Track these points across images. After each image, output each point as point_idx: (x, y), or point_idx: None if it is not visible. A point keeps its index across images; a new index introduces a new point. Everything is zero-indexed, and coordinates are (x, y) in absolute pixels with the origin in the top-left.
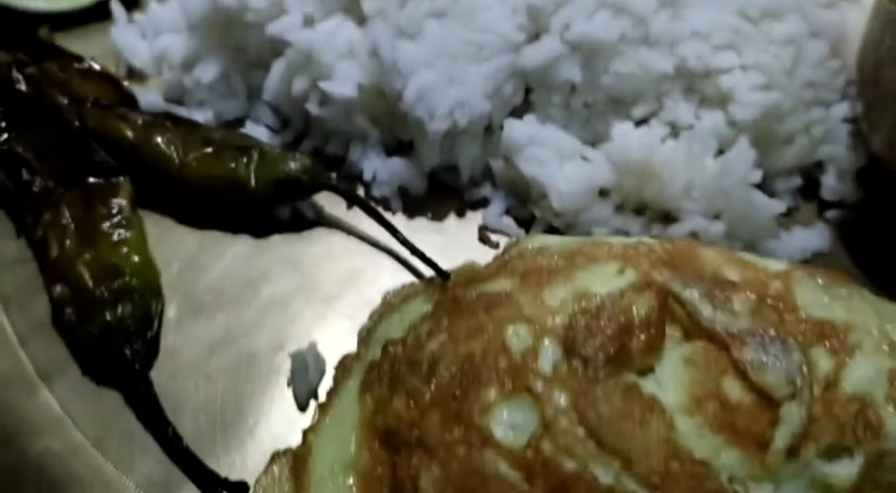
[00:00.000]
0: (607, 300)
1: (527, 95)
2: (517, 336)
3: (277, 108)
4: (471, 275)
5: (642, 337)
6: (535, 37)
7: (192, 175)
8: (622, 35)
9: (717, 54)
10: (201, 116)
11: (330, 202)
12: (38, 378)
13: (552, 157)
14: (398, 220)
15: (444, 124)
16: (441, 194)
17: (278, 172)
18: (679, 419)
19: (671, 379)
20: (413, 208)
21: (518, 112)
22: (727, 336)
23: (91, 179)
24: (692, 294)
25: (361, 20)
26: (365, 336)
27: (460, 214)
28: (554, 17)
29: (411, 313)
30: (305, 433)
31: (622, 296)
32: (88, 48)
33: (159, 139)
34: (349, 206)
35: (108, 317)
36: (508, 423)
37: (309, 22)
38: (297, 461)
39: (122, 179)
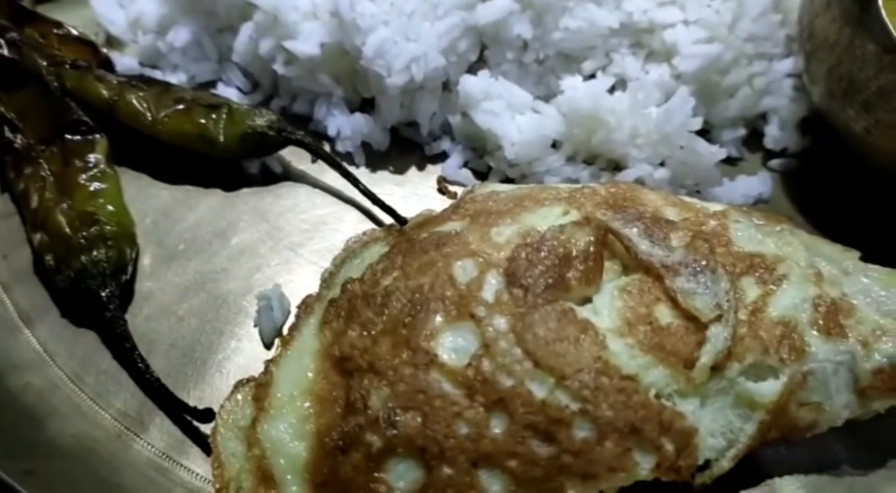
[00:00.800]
0: (548, 234)
1: (481, 53)
2: (463, 269)
3: (247, 70)
4: (426, 220)
5: (580, 268)
6: None
7: (164, 131)
8: None
9: (662, 9)
10: (175, 78)
11: (296, 157)
12: (19, 321)
13: (505, 110)
14: (361, 173)
15: (402, 79)
16: (402, 149)
17: (245, 127)
18: (611, 340)
19: (606, 306)
20: (375, 162)
21: (473, 69)
22: (661, 268)
23: (69, 137)
24: (631, 231)
25: None
26: (327, 278)
27: (420, 167)
28: None
29: (370, 256)
30: (267, 364)
31: (562, 231)
32: (67, 18)
33: (133, 98)
34: (314, 160)
35: (84, 261)
36: (452, 346)
37: None
38: (258, 388)
39: (98, 136)
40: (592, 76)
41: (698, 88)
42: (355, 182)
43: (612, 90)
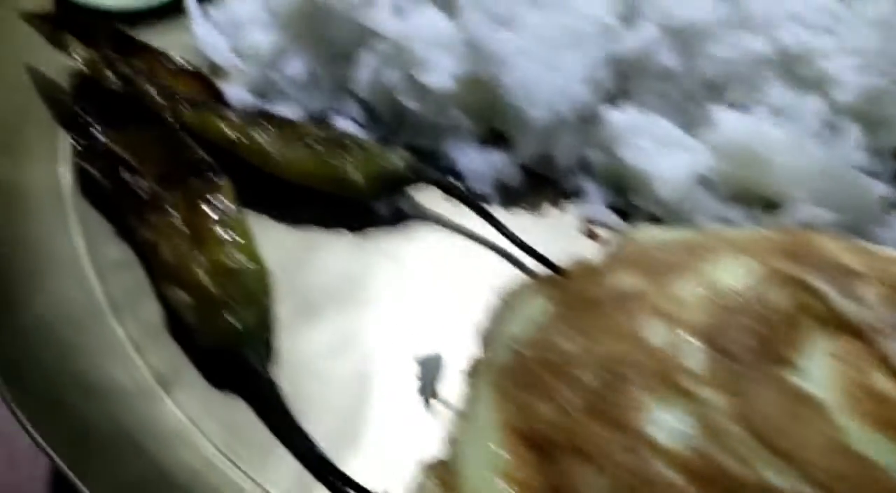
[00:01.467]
0: (741, 292)
1: (622, 83)
2: (655, 332)
3: (365, 101)
4: (588, 270)
5: (785, 331)
6: (629, 22)
7: (293, 172)
8: (719, 18)
9: (816, 36)
10: (288, 110)
11: (426, 196)
12: (158, 386)
13: (654, 146)
14: (495, 213)
15: (546, 113)
16: (536, 186)
17: (380, 167)
18: (837, 415)
19: (820, 375)
20: (510, 201)
21: (613, 100)
22: (868, 328)
23: (192, 179)
24: (823, 285)
25: (451, 10)
26: (487, 338)
27: (557, 205)
28: (649, 2)
29: (533, 311)
30: (448, 442)
31: (755, 287)
32: (163, 46)
33: (258, 137)
34: (450, 200)
35: (229, 320)
36: (665, 425)
37: (398, 12)
38: (445, 470)
39: (222, 177)
40: (741, 107)
41: (857, 119)
42: (499, 227)
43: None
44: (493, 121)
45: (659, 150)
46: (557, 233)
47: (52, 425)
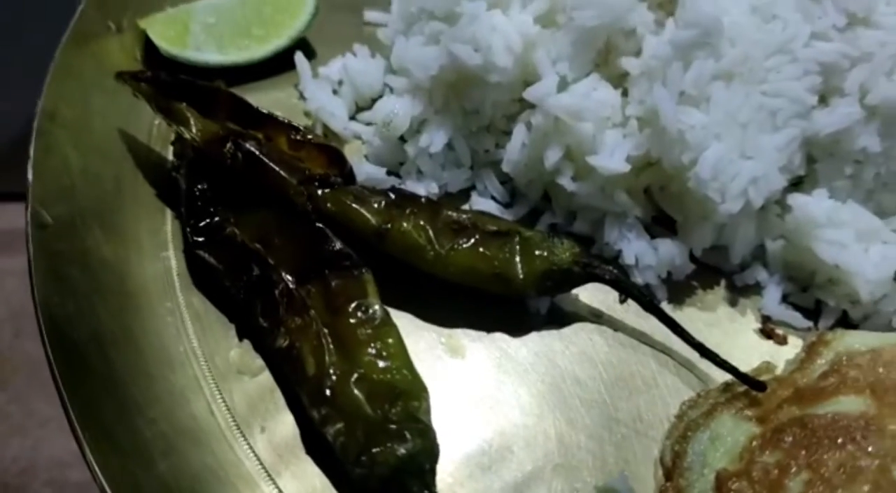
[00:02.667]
0: None
1: (808, 166)
2: None
3: (509, 180)
4: (792, 386)
5: None
6: (823, 100)
7: (451, 268)
8: None
9: None
10: (423, 188)
11: (587, 292)
12: None
13: (853, 239)
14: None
15: (739, 204)
16: (706, 279)
17: (546, 262)
18: None
19: None
20: (678, 297)
21: (798, 185)
22: None
23: (330, 273)
24: None
25: (618, 81)
26: (674, 462)
27: (731, 302)
28: (848, 77)
29: (730, 434)
30: None
31: None
32: (266, 107)
33: (406, 225)
34: (622, 300)
35: (400, 452)
36: None
37: (562, 85)
38: None
39: (365, 272)
40: None
41: None
42: (682, 333)
43: None
44: (666, 207)
45: (858, 243)
46: (734, 334)
47: None
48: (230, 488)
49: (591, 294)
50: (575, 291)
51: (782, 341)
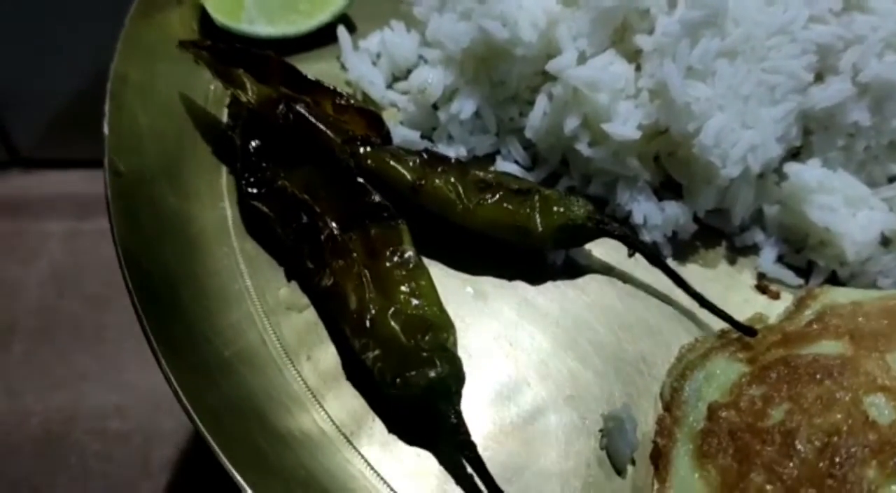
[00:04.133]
0: None
1: (804, 137)
2: (877, 408)
3: (532, 145)
4: (781, 332)
5: None
6: (818, 77)
7: (476, 221)
8: None
9: None
10: (453, 151)
11: (599, 247)
12: (343, 438)
13: (842, 204)
14: (672, 267)
15: (738, 170)
16: (708, 239)
17: (563, 218)
18: None
19: None
20: (682, 254)
21: (795, 155)
22: None
23: (371, 224)
24: None
25: (632, 56)
26: (672, 396)
27: (731, 261)
28: (842, 57)
29: (722, 372)
30: None
31: None
32: (311, 76)
33: (441, 183)
34: (630, 254)
35: (430, 376)
36: None
37: (581, 59)
38: None
39: (401, 222)
40: None
41: None
42: (684, 285)
43: None
44: (673, 172)
45: (846, 208)
46: (732, 289)
47: (246, 464)
48: (281, 406)
49: (604, 250)
50: (588, 246)
51: (775, 296)
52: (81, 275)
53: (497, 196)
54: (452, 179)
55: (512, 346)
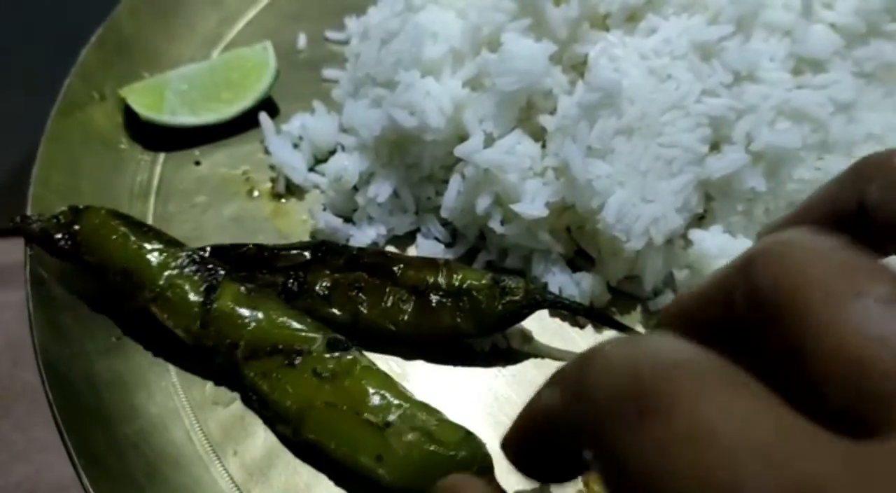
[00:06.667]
0: None
1: (707, 203)
2: None
3: (448, 222)
4: None
5: None
6: (714, 147)
7: (411, 334)
8: (803, 142)
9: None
10: (374, 231)
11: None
12: None
13: None
14: (587, 335)
15: (642, 242)
16: (623, 305)
17: (496, 312)
18: None
19: None
20: (599, 322)
21: (699, 221)
22: None
23: None
24: None
25: (538, 135)
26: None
27: (646, 324)
28: (736, 127)
29: None
30: None
31: None
32: (235, 162)
33: (368, 313)
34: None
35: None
36: None
37: (489, 141)
38: None
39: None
40: None
41: None
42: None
43: None
44: (583, 245)
45: None
46: None
47: None
48: None
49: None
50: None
51: None
52: None
53: (425, 307)
54: (384, 304)
55: None
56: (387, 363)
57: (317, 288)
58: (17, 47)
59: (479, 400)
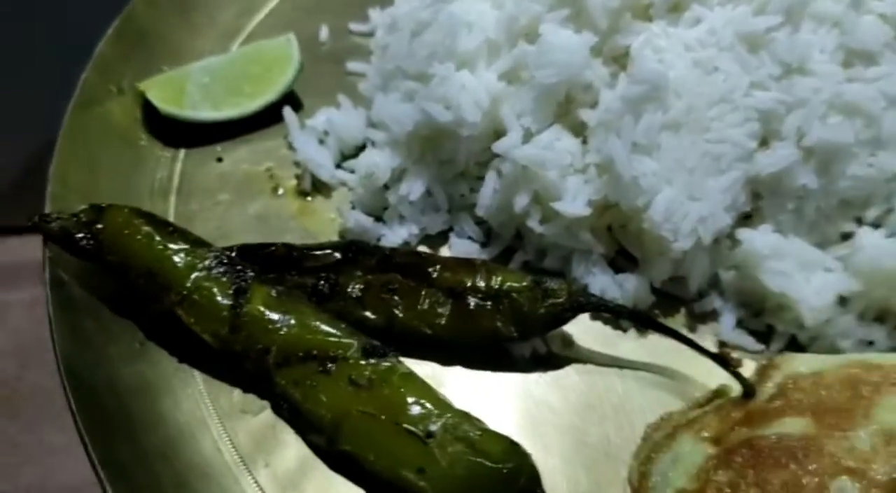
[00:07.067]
0: None
1: (755, 202)
2: (844, 492)
3: (482, 221)
4: (744, 408)
5: None
6: (764, 143)
7: (447, 337)
8: (856, 137)
9: None
10: (406, 231)
11: None
12: None
13: (796, 269)
14: (629, 340)
15: (690, 242)
16: (667, 307)
17: (538, 316)
18: None
19: None
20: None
21: (746, 220)
22: None
23: None
24: None
25: (578, 130)
26: (639, 482)
27: (691, 328)
28: (785, 122)
29: (689, 454)
30: None
31: None
32: (258, 158)
33: (404, 316)
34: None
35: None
36: None
37: (527, 136)
38: None
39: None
40: (877, 226)
41: None
42: (688, 342)
43: None
44: (626, 244)
45: (800, 272)
46: (694, 359)
47: None
48: None
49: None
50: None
51: (737, 363)
52: (46, 344)
53: (463, 310)
54: (419, 306)
55: None
56: (422, 368)
57: (349, 290)
58: (32, 41)
59: (519, 407)
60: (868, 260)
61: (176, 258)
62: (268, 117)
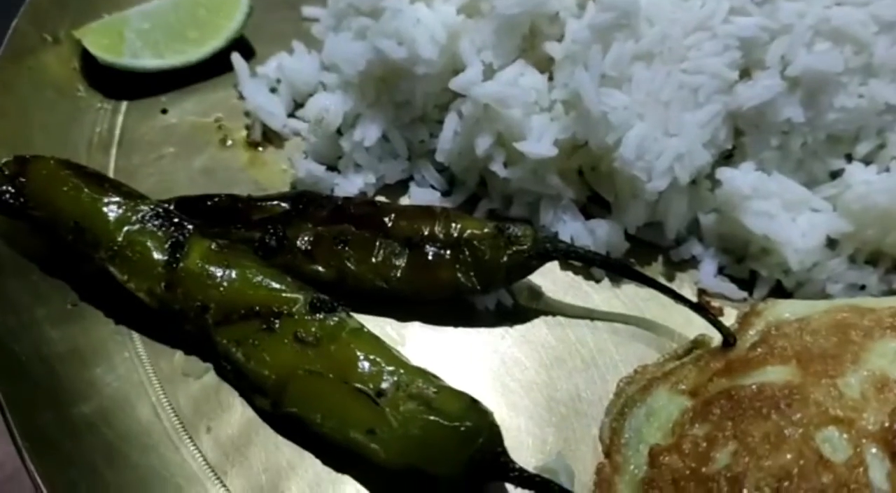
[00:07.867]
0: None
1: (736, 139)
2: (831, 443)
3: (447, 168)
4: (723, 357)
5: None
6: (746, 73)
7: (405, 292)
8: (845, 65)
9: None
10: (361, 179)
11: None
12: None
13: (781, 209)
14: (602, 291)
15: (665, 182)
16: (643, 255)
17: (500, 265)
18: None
19: None
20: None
21: (727, 158)
22: None
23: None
24: None
25: (544, 65)
26: (611, 438)
27: (669, 277)
28: (769, 50)
29: (664, 408)
30: None
31: None
32: (206, 109)
33: (356, 268)
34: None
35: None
36: None
37: (489, 72)
38: None
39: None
40: (868, 162)
41: None
42: (667, 291)
43: None
44: (598, 188)
45: (786, 213)
46: (671, 308)
47: None
48: (176, 489)
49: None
50: None
51: (718, 312)
52: None
53: (420, 260)
54: (373, 258)
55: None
56: (380, 327)
57: (298, 243)
58: None
59: (484, 364)
60: (859, 198)
61: (106, 211)
62: (216, 66)
